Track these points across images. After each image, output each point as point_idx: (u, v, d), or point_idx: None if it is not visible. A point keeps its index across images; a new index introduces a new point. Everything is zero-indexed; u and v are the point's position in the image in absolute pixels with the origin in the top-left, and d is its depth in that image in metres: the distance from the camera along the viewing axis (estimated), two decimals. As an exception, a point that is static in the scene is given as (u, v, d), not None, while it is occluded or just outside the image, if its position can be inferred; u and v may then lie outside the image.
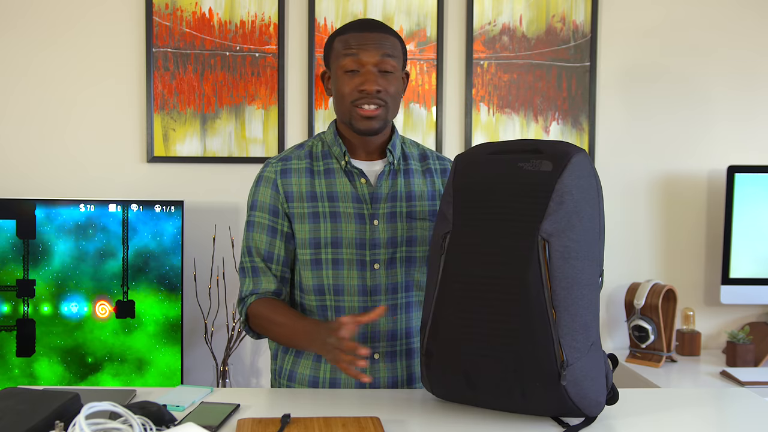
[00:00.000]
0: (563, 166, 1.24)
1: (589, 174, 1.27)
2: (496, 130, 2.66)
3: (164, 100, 2.57)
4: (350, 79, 1.55)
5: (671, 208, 2.73)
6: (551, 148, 1.29)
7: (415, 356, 1.63)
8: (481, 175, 1.33)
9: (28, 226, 2.34)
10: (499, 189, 1.29)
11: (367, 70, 1.54)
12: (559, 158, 1.26)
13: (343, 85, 1.56)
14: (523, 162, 1.28)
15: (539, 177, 1.25)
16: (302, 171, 1.62)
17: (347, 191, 1.60)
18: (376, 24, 1.58)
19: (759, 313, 2.76)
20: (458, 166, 1.38)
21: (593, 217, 1.26)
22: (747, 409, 1.41)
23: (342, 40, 1.57)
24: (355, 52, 1.54)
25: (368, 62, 1.54)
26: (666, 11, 2.70)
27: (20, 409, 1.17)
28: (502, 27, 2.65)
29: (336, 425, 1.24)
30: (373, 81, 1.53)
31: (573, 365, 1.22)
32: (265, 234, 1.61)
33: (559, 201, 1.23)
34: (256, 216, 1.62)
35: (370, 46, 1.54)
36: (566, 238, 1.23)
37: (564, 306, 1.22)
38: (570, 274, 1.22)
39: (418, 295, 1.64)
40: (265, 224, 1.61)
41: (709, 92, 2.72)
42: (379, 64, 1.54)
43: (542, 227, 1.23)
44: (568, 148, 1.28)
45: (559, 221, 1.23)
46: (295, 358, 1.64)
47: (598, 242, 1.29)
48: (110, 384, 2.35)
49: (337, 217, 1.59)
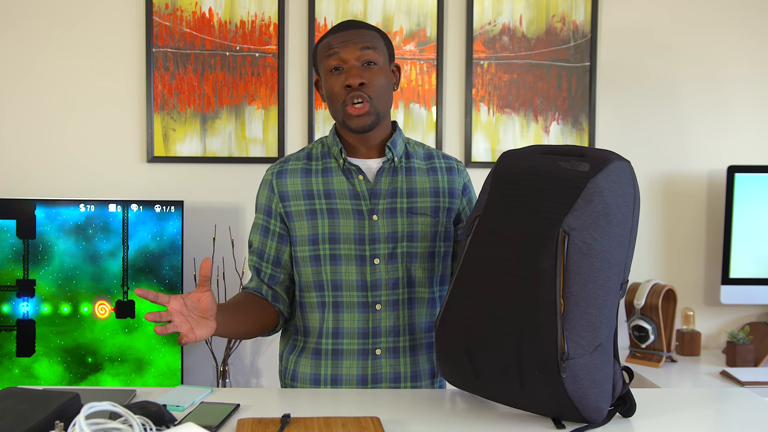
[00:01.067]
0: (600, 168, 1.27)
1: (628, 182, 1.29)
2: (496, 130, 2.66)
3: (164, 100, 2.57)
4: (336, 77, 1.58)
5: (671, 208, 2.73)
6: (596, 153, 1.32)
7: (419, 353, 1.64)
8: (520, 167, 1.36)
9: (28, 226, 2.34)
10: (534, 181, 1.32)
11: (350, 65, 1.57)
12: (598, 161, 1.29)
13: (330, 85, 1.59)
14: (563, 162, 1.30)
15: (574, 175, 1.28)
16: (297, 171, 1.65)
17: (344, 188, 1.62)
18: (354, 22, 1.62)
19: (759, 313, 2.76)
20: (503, 158, 1.42)
21: (623, 224, 1.28)
22: (747, 409, 1.41)
23: (324, 44, 1.61)
24: (336, 51, 1.57)
25: (350, 58, 1.57)
26: (666, 11, 2.70)
27: (20, 409, 1.17)
28: (502, 27, 2.65)
29: (336, 425, 1.24)
30: (356, 74, 1.56)
31: (574, 360, 1.22)
32: (259, 234, 1.67)
33: (588, 199, 1.25)
34: (257, 218, 1.69)
35: (349, 43, 1.57)
36: (588, 236, 1.24)
37: (574, 300, 1.23)
38: (586, 270, 1.24)
39: (421, 291, 1.64)
40: (260, 224, 1.67)
41: (709, 92, 2.72)
42: (360, 58, 1.57)
43: (566, 220, 1.25)
44: (611, 155, 1.31)
45: (584, 218, 1.25)
46: (296, 357, 1.65)
47: (626, 250, 1.30)
48: (110, 384, 2.35)
49: (334, 213, 1.60)
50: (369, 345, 1.60)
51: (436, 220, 1.64)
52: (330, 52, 1.58)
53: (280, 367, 1.72)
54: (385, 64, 1.61)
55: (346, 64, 1.57)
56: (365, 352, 1.60)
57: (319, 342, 1.62)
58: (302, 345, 1.65)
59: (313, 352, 1.62)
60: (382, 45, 1.61)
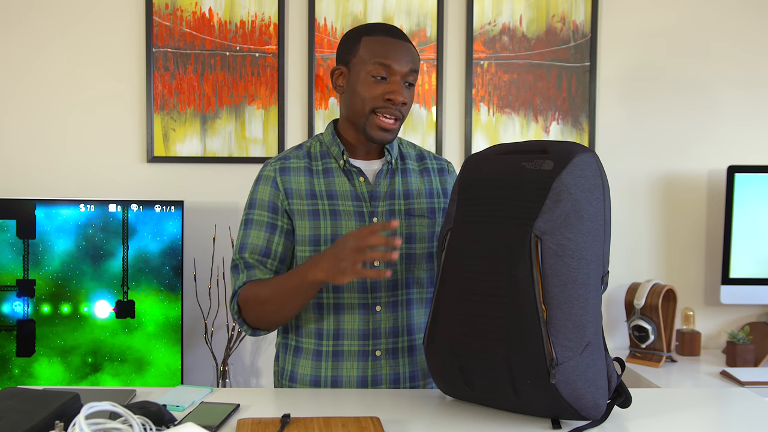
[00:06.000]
0: (563, 165, 1.25)
1: (594, 174, 1.27)
2: (496, 130, 2.66)
3: (164, 100, 2.57)
4: (376, 85, 1.55)
5: (671, 208, 2.73)
6: (558, 147, 1.29)
7: (417, 353, 1.64)
8: (485, 174, 1.34)
9: (28, 226, 2.34)
10: (500, 187, 1.30)
11: (395, 80, 1.54)
12: (561, 157, 1.26)
13: (366, 89, 1.55)
14: (527, 161, 1.29)
15: (539, 175, 1.26)
16: (301, 170, 1.62)
17: (346, 190, 1.61)
18: (403, 34, 1.59)
19: (759, 313, 2.76)
20: (466, 166, 1.40)
21: (596, 217, 1.26)
22: (747, 409, 1.41)
23: (372, 42, 1.56)
24: (388, 63, 1.54)
25: (399, 72, 1.54)
26: (666, 11, 2.70)
27: (20, 409, 1.17)
28: (502, 27, 2.65)
29: (336, 425, 1.24)
30: (400, 92, 1.53)
31: (564, 364, 1.21)
32: (264, 230, 1.60)
33: (556, 199, 1.23)
34: (255, 214, 1.62)
35: (401, 57, 1.54)
36: (561, 237, 1.22)
37: (556, 304, 1.22)
38: (564, 272, 1.22)
39: (419, 292, 1.64)
40: (264, 221, 1.61)
41: (709, 92, 2.72)
42: (407, 76, 1.56)
43: (536, 224, 1.23)
44: (574, 147, 1.28)
45: (554, 219, 1.23)
46: (294, 358, 1.64)
47: (602, 243, 1.28)
48: (110, 384, 2.35)
49: (337, 215, 1.59)
50: (369, 347, 1.60)
51: (433, 221, 1.65)
52: (381, 60, 1.54)
53: (276, 368, 1.70)
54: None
55: (392, 76, 1.54)
56: (365, 353, 1.60)
57: (320, 344, 1.61)
58: (301, 346, 1.64)
59: (314, 353, 1.61)
60: (419, 66, 1.60)
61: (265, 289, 1.52)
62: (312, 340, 1.62)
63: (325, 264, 1.40)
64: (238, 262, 1.60)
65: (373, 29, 1.57)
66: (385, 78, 1.54)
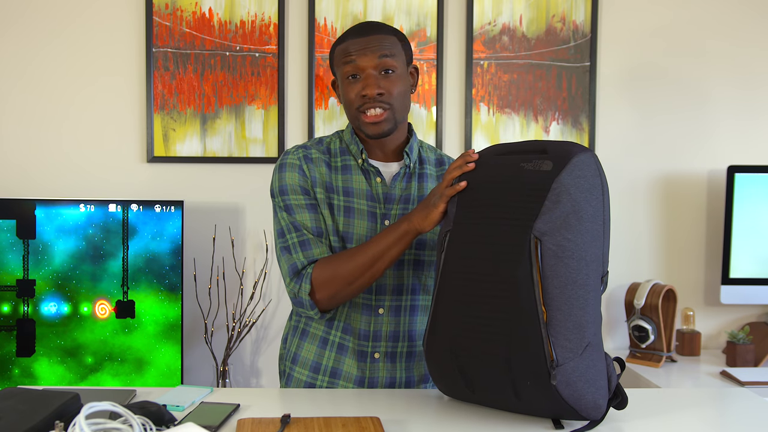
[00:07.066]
0: (563, 165, 1.25)
1: (593, 174, 1.27)
2: (496, 130, 2.66)
3: (164, 100, 2.57)
4: (353, 85, 1.56)
5: (671, 208, 2.73)
6: (557, 148, 1.29)
7: (415, 359, 1.64)
8: (484, 175, 1.34)
9: (28, 226, 2.34)
10: (500, 189, 1.30)
11: (367, 74, 1.55)
12: (560, 158, 1.26)
13: (347, 92, 1.58)
14: (525, 162, 1.29)
15: (538, 176, 1.26)
16: (322, 161, 1.62)
17: (362, 188, 1.61)
18: (373, 26, 1.59)
19: (759, 313, 2.76)
20: None
21: (595, 218, 1.26)
22: (747, 409, 1.41)
23: (342, 48, 1.59)
24: (353, 59, 1.55)
25: (367, 66, 1.55)
26: (666, 11, 2.70)
27: (20, 409, 1.17)
28: (502, 27, 2.65)
29: (336, 425, 1.24)
30: (373, 85, 1.54)
31: (564, 365, 1.21)
32: (308, 212, 1.57)
33: (556, 200, 1.23)
34: (292, 199, 1.58)
35: (367, 50, 1.55)
36: (561, 237, 1.22)
37: (556, 305, 1.22)
38: (563, 273, 1.22)
39: (424, 299, 1.64)
40: (302, 204, 1.58)
41: (709, 92, 2.72)
42: (378, 67, 1.55)
43: (535, 226, 1.23)
44: (573, 147, 1.28)
45: (554, 220, 1.23)
46: (300, 341, 1.65)
47: (602, 243, 1.28)
48: (110, 384, 2.35)
49: (350, 212, 1.59)
50: (369, 348, 1.60)
51: None
52: (347, 60, 1.56)
53: (282, 350, 1.71)
54: (403, 69, 1.59)
55: (363, 72, 1.55)
56: (364, 354, 1.60)
57: (328, 332, 1.61)
58: (309, 330, 1.64)
59: (321, 340, 1.62)
60: (400, 50, 1.59)
61: (345, 262, 1.51)
62: (322, 327, 1.62)
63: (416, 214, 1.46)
64: (291, 241, 1.56)
65: (344, 35, 1.61)
66: (356, 76, 1.56)
